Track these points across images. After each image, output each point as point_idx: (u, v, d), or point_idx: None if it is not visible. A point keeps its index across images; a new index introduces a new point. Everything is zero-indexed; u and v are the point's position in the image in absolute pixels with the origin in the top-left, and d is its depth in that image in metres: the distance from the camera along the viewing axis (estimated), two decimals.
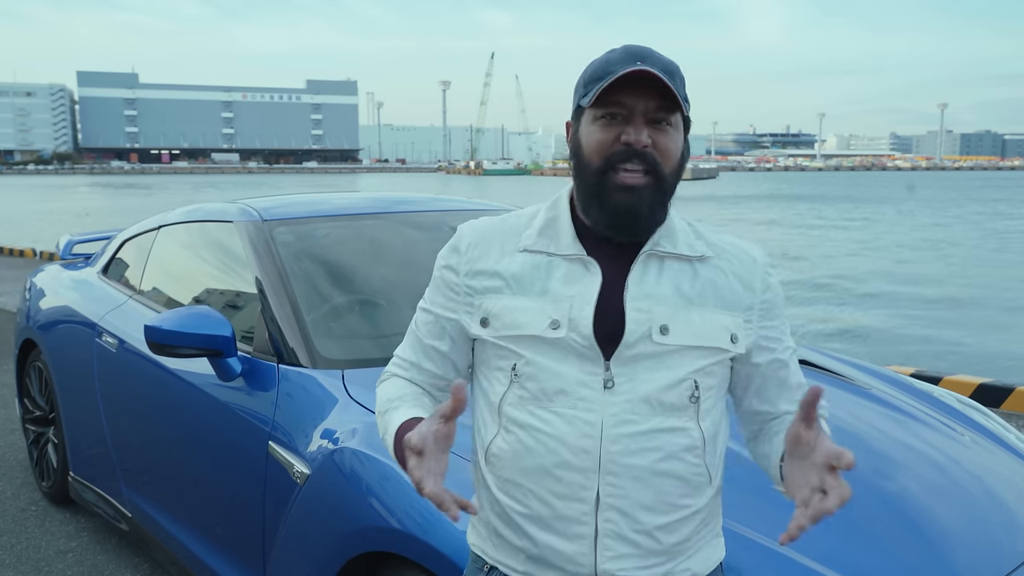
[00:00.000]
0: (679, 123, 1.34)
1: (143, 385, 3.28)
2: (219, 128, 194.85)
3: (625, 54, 1.31)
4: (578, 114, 1.37)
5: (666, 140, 1.32)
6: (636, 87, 1.28)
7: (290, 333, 2.65)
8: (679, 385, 1.34)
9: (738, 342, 1.38)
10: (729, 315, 1.38)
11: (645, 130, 1.30)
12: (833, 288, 13.49)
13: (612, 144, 1.31)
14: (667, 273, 1.36)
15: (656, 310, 1.33)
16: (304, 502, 2.30)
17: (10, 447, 5.07)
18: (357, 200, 3.62)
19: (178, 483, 3.13)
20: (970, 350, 8.97)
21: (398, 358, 1.53)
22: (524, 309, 1.35)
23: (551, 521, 1.33)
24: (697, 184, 73.38)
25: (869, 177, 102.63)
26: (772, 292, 1.44)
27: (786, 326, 1.48)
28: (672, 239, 1.38)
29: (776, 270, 1.48)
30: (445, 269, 1.44)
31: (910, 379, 3.15)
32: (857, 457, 1.17)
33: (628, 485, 1.31)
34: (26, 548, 3.77)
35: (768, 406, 1.47)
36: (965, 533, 2.13)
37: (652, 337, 1.33)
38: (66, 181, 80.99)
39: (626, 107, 1.30)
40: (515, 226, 1.43)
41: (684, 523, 1.36)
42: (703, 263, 1.39)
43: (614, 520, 1.32)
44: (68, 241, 4.92)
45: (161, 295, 3.59)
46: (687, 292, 1.36)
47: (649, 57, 1.30)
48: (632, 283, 1.35)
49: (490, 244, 1.41)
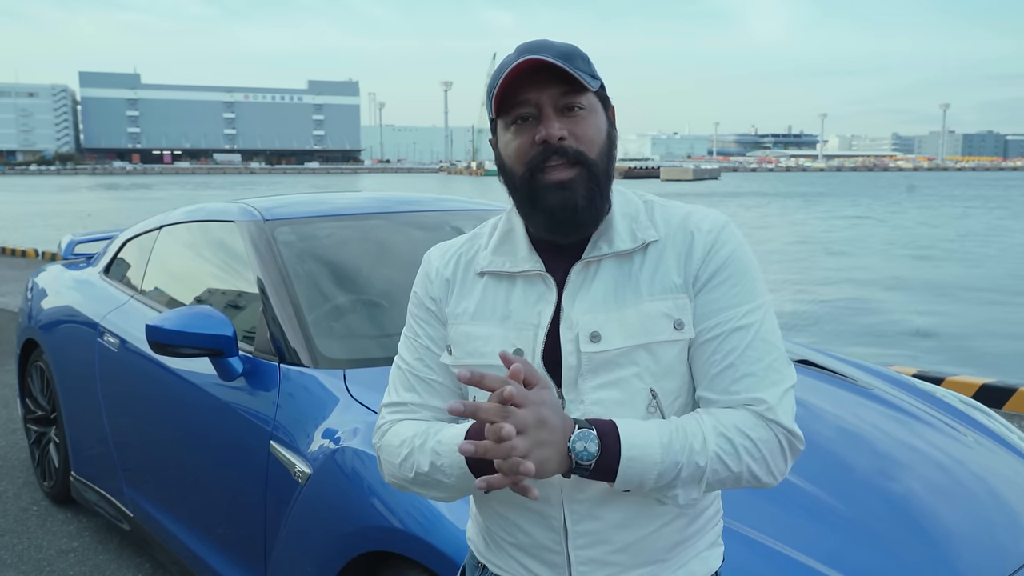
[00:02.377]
0: (594, 105, 1.27)
1: (145, 385, 3.28)
2: (221, 129, 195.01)
3: (517, 52, 1.25)
4: (494, 128, 1.31)
5: (583, 126, 1.25)
6: (536, 81, 1.22)
7: (291, 333, 2.65)
8: (633, 398, 1.24)
9: (684, 327, 1.25)
10: (670, 299, 1.25)
11: (556, 123, 1.23)
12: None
13: (530, 147, 1.25)
14: (601, 277, 1.28)
15: (584, 319, 1.25)
16: (305, 502, 2.29)
17: (12, 447, 5.07)
18: (358, 200, 3.63)
19: (180, 483, 3.13)
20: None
21: (393, 406, 1.38)
22: (486, 337, 1.29)
23: (530, 548, 1.31)
24: (699, 184, 73.52)
25: (869, 177, 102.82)
26: (718, 257, 1.26)
27: (741, 298, 1.26)
28: (609, 236, 1.29)
29: (736, 234, 1.30)
30: (426, 299, 1.39)
31: (912, 379, 3.15)
32: (862, 458, 1.16)
33: (595, 510, 1.25)
34: (28, 548, 3.77)
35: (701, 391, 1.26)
36: (968, 534, 2.13)
37: (581, 348, 1.24)
38: (67, 182, 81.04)
39: (532, 103, 1.24)
40: (477, 247, 1.38)
41: (666, 529, 1.28)
42: (645, 251, 1.29)
43: (584, 546, 1.27)
44: (70, 241, 4.93)
45: (163, 295, 3.59)
46: (621, 291, 1.26)
47: (541, 46, 1.24)
48: (566, 302, 1.27)
49: (456, 270, 1.37)
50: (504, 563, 1.35)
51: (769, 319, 1.27)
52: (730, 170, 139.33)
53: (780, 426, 1.21)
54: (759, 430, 1.20)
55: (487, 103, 1.28)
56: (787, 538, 1.87)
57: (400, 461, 1.30)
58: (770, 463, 1.21)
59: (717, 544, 1.39)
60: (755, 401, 1.21)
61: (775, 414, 1.21)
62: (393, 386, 1.41)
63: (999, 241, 20.77)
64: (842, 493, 2.11)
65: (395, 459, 1.32)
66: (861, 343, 8.64)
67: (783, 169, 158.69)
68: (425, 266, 1.42)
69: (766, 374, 1.23)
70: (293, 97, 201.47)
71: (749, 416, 1.21)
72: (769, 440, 1.21)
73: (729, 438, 1.19)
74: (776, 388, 1.22)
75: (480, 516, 1.39)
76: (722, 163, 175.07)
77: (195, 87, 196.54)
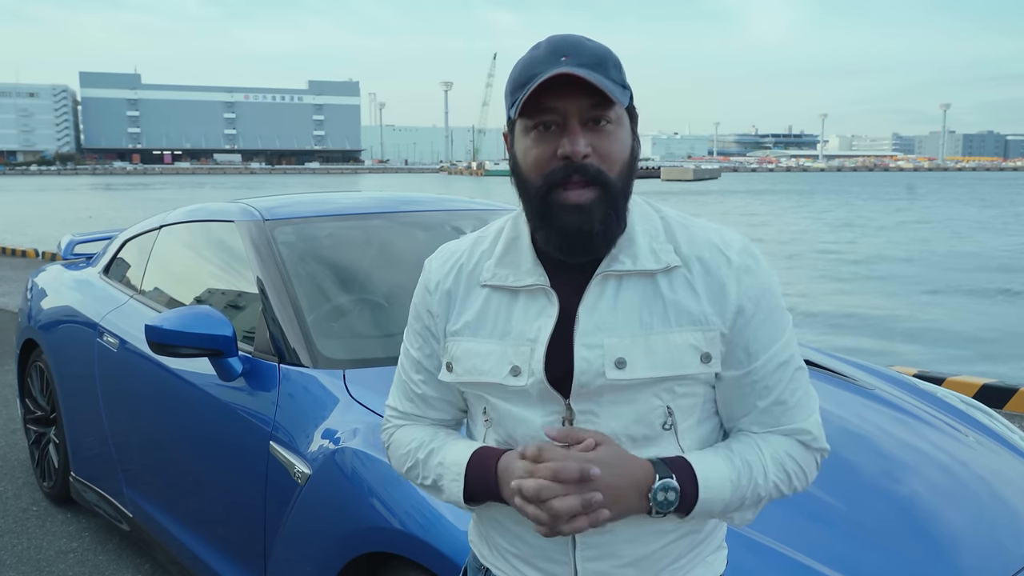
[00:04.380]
0: (621, 117, 1.20)
1: (144, 385, 3.28)
2: (221, 129, 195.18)
3: (549, 51, 1.17)
4: (511, 125, 1.23)
5: (608, 143, 1.18)
6: (565, 87, 1.14)
7: (291, 333, 2.65)
8: (648, 415, 1.22)
9: (712, 361, 1.21)
10: (700, 332, 1.21)
11: (581, 138, 1.16)
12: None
13: (550, 161, 1.17)
14: (624, 295, 1.22)
15: (609, 343, 1.20)
16: (305, 502, 2.29)
17: (11, 447, 5.06)
18: (358, 200, 3.62)
19: (179, 483, 3.12)
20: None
21: (396, 411, 1.41)
22: (485, 354, 1.26)
23: (534, 560, 1.29)
24: (700, 184, 73.69)
25: (869, 177, 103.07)
26: (753, 291, 1.23)
27: (778, 331, 1.25)
28: (632, 251, 1.22)
29: (761, 259, 1.27)
30: (423, 313, 1.35)
31: (913, 379, 3.14)
32: (864, 459, 1.16)
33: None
34: (27, 548, 3.77)
35: (729, 421, 1.29)
36: (970, 535, 2.12)
37: (606, 374, 1.19)
38: (68, 182, 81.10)
39: (558, 112, 1.16)
40: (480, 254, 1.32)
41: (675, 545, 1.27)
42: (668, 274, 1.23)
43: (592, 558, 1.26)
44: (70, 241, 4.92)
45: (162, 295, 3.59)
46: (647, 317, 1.21)
47: (575, 49, 1.16)
48: (583, 314, 1.22)
49: (457, 281, 1.32)
50: (507, 570, 1.34)
51: (795, 341, 1.30)
52: (730, 170, 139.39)
53: (820, 451, 1.30)
54: (805, 457, 1.28)
55: (507, 101, 1.21)
56: (790, 540, 1.86)
57: (406, 470, 1.36)
58: (808, 480, 1.30)
59: (721, 547, 1.38)
60: (801, 432, 1.27)
61: (818, 442, 1.28)
62: (396, 390, 1.43)
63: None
64: (845, 494, 2.10)
65: (402, 466, 1.37)
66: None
67: (783, 169, 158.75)
68: (425, 276, 1.37)
69: (804, 403, 1.28)
70: (293, 97, 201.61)
71: (796, 445, 1.27)
72: (811, 463, 1.29)
73: (785, 469, 1.25)
74: (815, 416, 1.28)
75: (483, 525, 1.38)
76: (722, 163, 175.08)
77: (195, 87, 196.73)
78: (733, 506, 1.22)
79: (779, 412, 1.25)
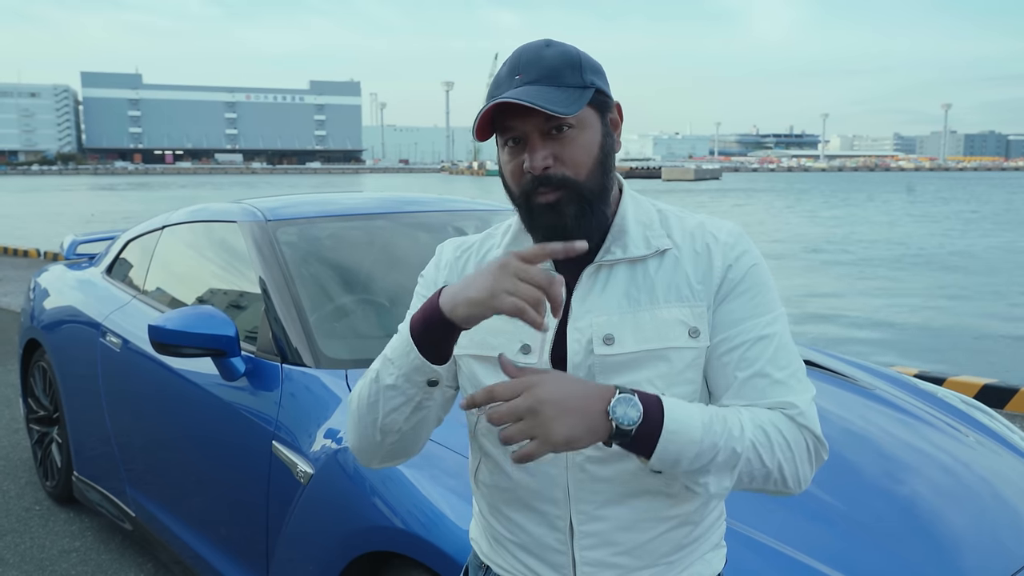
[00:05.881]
0: (584, 119, 1.22)
1: (147, 385, 3.28)
2: (223, 129, 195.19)
3: (508, 68, 1.22)
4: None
5: (571, 150, 1.21)
6: (520, 110, 1.18)
7: (294, 333, 2.66)
8: None
9: (700, 335, 1.24)
10: (687, 307, 1.24)
11: (541, 151, 1.20)
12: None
13: (521, 173, 1.23)
14: (614, 281, 1.27)
15: (598, 321, 1.24)
16: (307, 502, 2.30)
17: (14, 447, 5.07)
18: (360, 200, 3.63)
19: (182, 483, 3.13)
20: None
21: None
22: (497, 330, 1.27)
23: (533, 548, 1.31)
24: (700, 183, 73.69)
25: (869, 177, 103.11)
26: (738, 268, 1.26)
27: (762, 309, 1.26)
28: (622, 241, 1.28)
29: (751, 244, 1.30)
30: (432, 285, 1.38)
31: (914, 380, 3.15)
32: (868, 460, 1.16)
33: (601, 511, 1.25)
34: (30, 547, 3.78)
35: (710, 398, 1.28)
36: (971, 535, 2.13)
37: (595, 350, 1.23)
38: (70, 182, 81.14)
39: (519, 129, 1.21)
40: (491, 246, 1.38)
41: (672, 533, 1.28)
42: (659, 258, 1.27)
43: (590, 547, 1.27)
44: (72, 241, 4.93)
45: (165, 295, 3.60)
46: (635, 295, 1.25)
47: (531, 65, 1.20)
48: (576, 303, 1.26)
49: (468, 263, 1.37)
50: (507, 563, 1.35)
51: (787, 330, 1.28)
52: (731, 170, 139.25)
53: (810, 430, 1.21)
54: (792, 431, 1.20)
55: (472, 126, 1.24)
56: (790, 539, 1.87)
57: (356, 404, 1.31)
58: (798, 465, 1.21)
59: (720, 546, 1.38)
60: (786, 405, 1.21)
61: (805, 419, 1.21)
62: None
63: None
64: (845, 494, 2.11)
65: (353, 405, 1.32)
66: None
67: (784, 169, 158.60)
68: (437, 256, 1.42)
69: (793, 381, 1.23)
70: (295, 97, 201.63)
71: (781, 417, 1.21)
72: (799, 441, 1.21)
73: (766, 431, 1.18)
74: (805, 395, 1.23)
75: (484, 516, 1.39)
76: (723, 163, 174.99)
77: (197, 87, 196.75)
78: (706, 455, 1.14)
79: (763, 385, 1.21)
